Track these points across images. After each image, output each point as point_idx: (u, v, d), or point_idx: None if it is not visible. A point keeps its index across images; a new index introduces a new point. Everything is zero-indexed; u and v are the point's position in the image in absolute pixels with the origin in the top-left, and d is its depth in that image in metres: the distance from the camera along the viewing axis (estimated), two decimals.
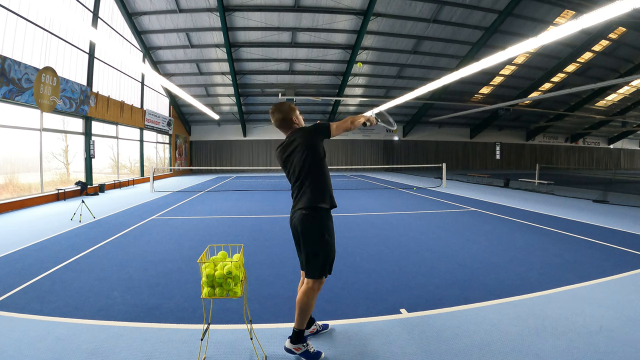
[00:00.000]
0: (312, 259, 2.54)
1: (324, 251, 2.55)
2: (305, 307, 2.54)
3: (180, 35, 18.45)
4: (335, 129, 2.59)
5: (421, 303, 3.45)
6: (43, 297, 3.60)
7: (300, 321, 2.56)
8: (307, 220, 2.53)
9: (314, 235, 2.53)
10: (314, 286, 2.56)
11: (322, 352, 2.60)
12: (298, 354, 2.55)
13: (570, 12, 18.10)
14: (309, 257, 2.55)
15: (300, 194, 2.59)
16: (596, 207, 9.83)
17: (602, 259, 4.88)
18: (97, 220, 7.95)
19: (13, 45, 9.97)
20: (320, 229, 2.54)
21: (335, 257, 2.66)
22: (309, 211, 2.53)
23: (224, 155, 29.26)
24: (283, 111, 2.70)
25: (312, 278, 2.55)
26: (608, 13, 6.59)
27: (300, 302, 2.55)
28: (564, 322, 3.01)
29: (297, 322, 2.57)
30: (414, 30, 18.95)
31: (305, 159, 2.55)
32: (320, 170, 2.60)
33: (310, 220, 2.53)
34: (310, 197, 2.54)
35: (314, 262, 2.54)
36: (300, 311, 2.55)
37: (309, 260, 2.55)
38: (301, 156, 2.56)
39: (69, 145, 13.45)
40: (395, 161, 31.29)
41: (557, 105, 29.38)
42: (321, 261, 2.54)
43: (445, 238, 6.23)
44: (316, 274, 2.54)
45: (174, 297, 3.62)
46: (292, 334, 2.58)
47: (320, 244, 2.54)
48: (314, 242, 2.53)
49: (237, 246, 2.80)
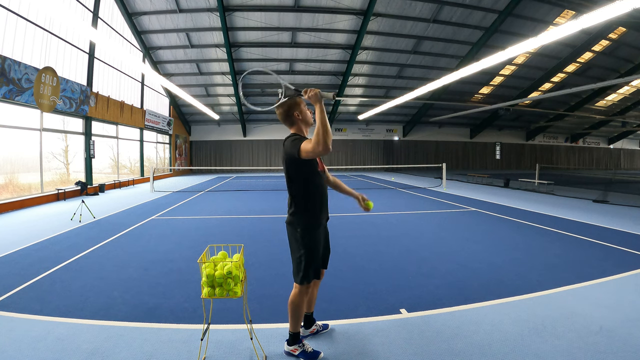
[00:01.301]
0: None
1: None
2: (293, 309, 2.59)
3: (180, 35, 18.45)
4: (305, 149, 2.32)
5: (421, 303, 3.45)
6: (43, 297, 3.60)
7: (293, 324, 2.59)
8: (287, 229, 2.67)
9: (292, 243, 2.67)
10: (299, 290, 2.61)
11: (321, 352, 2.60)
12: (296, 355, 2.56)
13: (570, 12, 18.10)
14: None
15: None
16: (596, 207, 9.83)
17: (602, 259, 4.88)
18: (97, 220, 7.95)
19: (13, 45, 9.97)
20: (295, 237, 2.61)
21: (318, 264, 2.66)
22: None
23: (224, 155, 29.26)
24: (285, 105, 2.57)
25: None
26: (608, 13, 6.60)
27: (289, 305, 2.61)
28: (564, 322, 3.01)
29: (291, 324, 2.61)
30: (414, 30, 18.95)
31: (286, 171, 2.56)
32: (302, 183, 2.56)
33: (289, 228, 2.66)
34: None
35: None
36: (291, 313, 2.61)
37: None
38: (285, 167, 2.56)
39: (69, 145, 13.45)
40: (395, 161, 31.29)
41: (557, 105, 29.38)
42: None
43: (445, 238, 6.23)
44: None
45: (174, 297, 3.62)
46: (288, 337, 2.62)
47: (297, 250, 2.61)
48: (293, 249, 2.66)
49: (237, 246, 2.80)
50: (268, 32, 18.41)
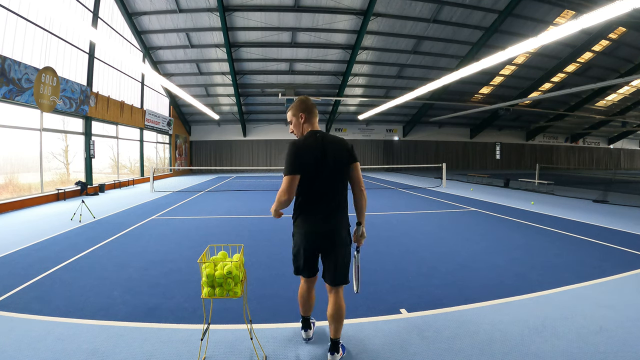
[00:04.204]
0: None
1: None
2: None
3: (180, 35, 18.44)
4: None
5: (421, 303, 3.45)
6: (43, 297, 3.60)
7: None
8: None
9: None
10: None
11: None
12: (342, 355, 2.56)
13: (570, 12, 18.10)
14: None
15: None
16: (596, 207, 9.83)
17: (602, 259, 4.88)
18: (97, 220, 7.95)
19: (13, 45, 9.96)
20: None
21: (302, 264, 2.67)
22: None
23: (224, 155, 29.25)
24: (292, 108, 2.65)
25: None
26: (608, 13, 6.59)
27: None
28: (564, 322, 3.01)
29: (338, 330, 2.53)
30: (414, 30, 18.94)
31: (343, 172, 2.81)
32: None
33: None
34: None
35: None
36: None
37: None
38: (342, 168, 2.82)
39: (69, 145, 13.45)
40: (395, 161, 31.27)
41: (557, 105, 29.38)
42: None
43: (446, 238, 6.23)
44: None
45: (174, 297, 3.62)
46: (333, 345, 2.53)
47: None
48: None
49: (237, 246, 2.80)
50: (268, 32, 18.40)
